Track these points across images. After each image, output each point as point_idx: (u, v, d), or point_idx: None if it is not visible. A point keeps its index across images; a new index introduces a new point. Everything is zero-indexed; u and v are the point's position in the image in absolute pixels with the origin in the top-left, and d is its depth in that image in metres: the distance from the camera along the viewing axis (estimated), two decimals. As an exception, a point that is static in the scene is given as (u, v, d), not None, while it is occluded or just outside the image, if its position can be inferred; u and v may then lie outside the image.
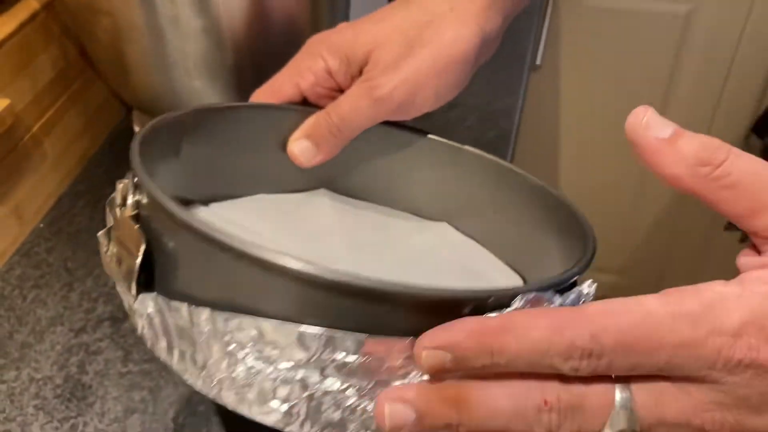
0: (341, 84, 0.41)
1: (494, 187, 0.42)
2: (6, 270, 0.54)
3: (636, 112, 0.26)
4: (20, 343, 0.49)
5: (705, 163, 0.24)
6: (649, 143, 0.25)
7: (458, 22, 0.40)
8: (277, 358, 0.25)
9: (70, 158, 0.61)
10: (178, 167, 0.37)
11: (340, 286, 0.23)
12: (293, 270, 0.23)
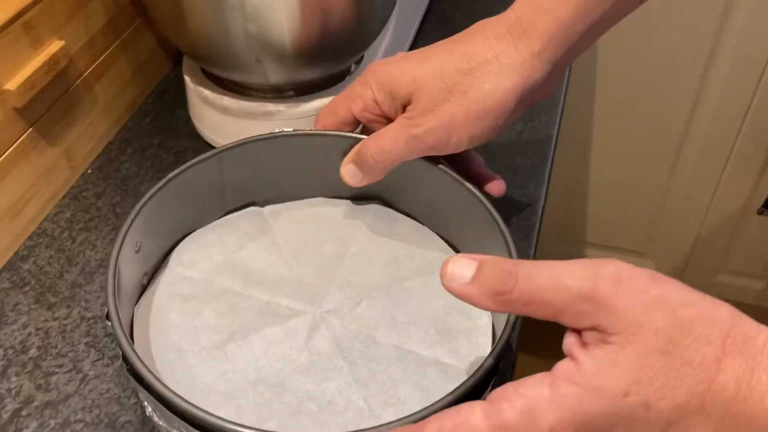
0: (386, 113, 0.45)
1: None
2: (56, 213, 0.55)
3: (442, 268, 0.30)
4: (70, 282, 0.50)
5: (501, 293, 0.29)
6: (458, 291, 0.30)
7: (499, 72, 0.41)
8: None
9: (119, 106, 0.61)
10: (254, 176, 0.48)
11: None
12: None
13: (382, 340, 0.41)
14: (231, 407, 0.37)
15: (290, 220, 0.48)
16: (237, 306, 0.42)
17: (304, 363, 0.39)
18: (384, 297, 0.43)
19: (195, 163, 0.45)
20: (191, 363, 0.39)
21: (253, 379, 0.38)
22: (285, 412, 0.37)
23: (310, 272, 0.45)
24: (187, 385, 0.38)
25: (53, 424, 0.42)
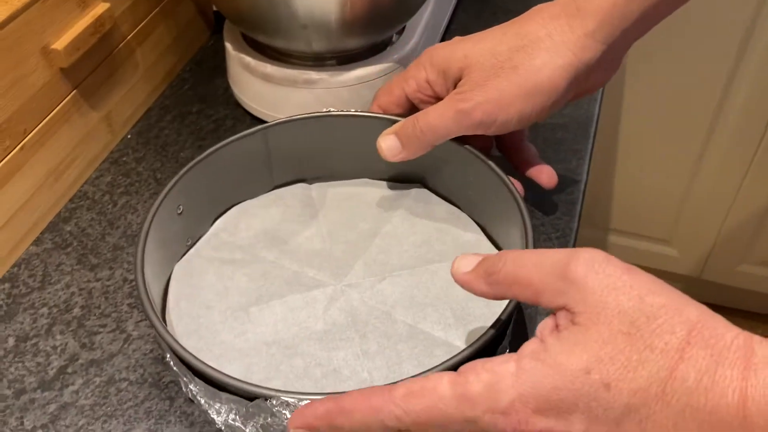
0: (438, 93, 0.45)
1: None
2: (96, 176, 0.55)
3: (453, 263, 0.33)
4: (112, 245, 0.50)
5: (491, 273, 0.31)
6: (459, 279, 0.33)
7: (551, 49, 0.41)
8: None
9: (158, 72, 0.61)
10: (301, 153, 0.49)
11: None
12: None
13: (398, 318, 0.41)
14: (243, 364, 0.39)
15: (333, 198, 0.49)
16: (268, 273, 0.44)
17: (319, 331, 0.41)
18: (407, 276, 0.44)
19: (240, 137, 0.46)
20: (216, 320, 0.41)
21: (268, 341, 0.40)
22: (291, 374, 0.38)
23: (341, 248, 0.45)
24: (208, 341, 0.40)
25: (98, 381, 0.42)
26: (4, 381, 0.42)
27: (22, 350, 0.44)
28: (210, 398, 0.36)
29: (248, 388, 0.33)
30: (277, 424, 0.34)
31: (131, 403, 0.41)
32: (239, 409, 0.35)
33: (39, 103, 0.47)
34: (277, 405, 0.33)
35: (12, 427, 0.40)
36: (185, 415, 0.40)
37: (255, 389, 0.33)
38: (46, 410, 0.41)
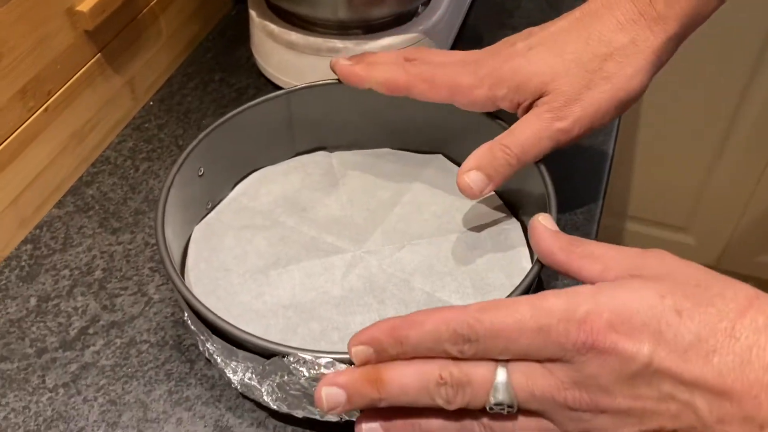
0: (500, 107, 0.42)
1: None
2: (118, 141, 0.55)
3: (537, 215, 0.35)
4: (134, 209, 0.50)
5: (572, 243, 0.33)
6: (540, 230, 0.34)
7: (639, 56, 0.40)
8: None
9: (182, 39, 0.60)
10: (323, 120, 0.48)
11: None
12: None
13: (416, 286, 0.41)
14: (260, 326, 0.39)
15: (354, 166, 0.49)
16: (286, 238, 0.44)
17: (336, 296, 0.40)
18: (426, 245, 0.43)
19: (263, 101, 0.45)
20: (234, 282, 0.41)
21: (285, 304, 0.40)
22: (308, 337, 0.38)
23: (361, 216, 0.45)
24: (226, 302, 0.40)
25: (119, 343, 0.42)
26: (26, 340, 0.42)
27: (43, 310, 0.44)
28: (227, 357, 0.36)
29: (265, 345, 0.33)
30: (294, 382, 0.33)
31: (152, 365, 0.41)
32: (255, 368, 0.35)
33: (63, 65, 0.47)
34: (294, 362, 0.33)
35: (34, 385, 0.40)
36: (206, 377, 0.40)
37: (272, 346, 0.33)
38: (67, 369, 0.41)
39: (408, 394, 0.30)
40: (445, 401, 0.30)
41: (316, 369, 0.32)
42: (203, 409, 0.39)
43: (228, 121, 0.44)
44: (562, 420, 0.29)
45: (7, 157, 0.45)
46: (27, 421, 0.39)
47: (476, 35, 0.64)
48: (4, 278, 0.45)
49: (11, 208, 0.46)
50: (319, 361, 0.32)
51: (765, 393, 0.25)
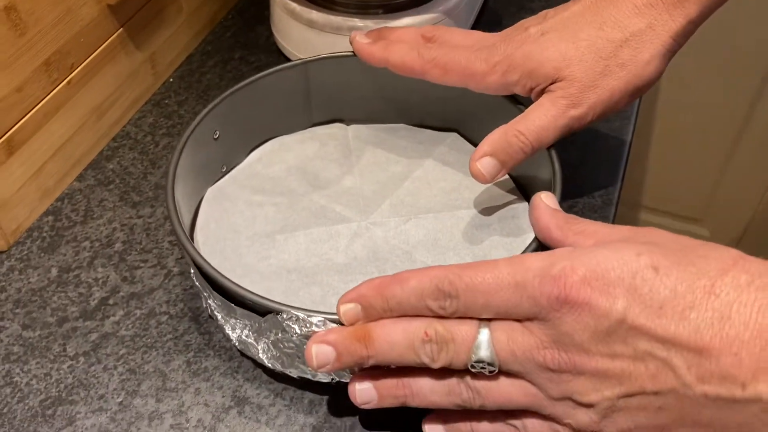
0: (512, 92, 0.42)
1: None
2: (139, 117, 0.55)
3: (540, 193, 0.37)
4: (154, 183, 0.50)
5: (569, 221, 0.34)
6: (540, 208, 0.36)
7: (656, 41, 0.39)
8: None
9: (202, 17, 0.61)
10: (340, 92, 0.48)
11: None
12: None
13: (418, 258, 0.41)
14: (263, 287, 0.40)
15: (368, 140, 0.49)
16: (296, 205, 0.45)
17: (339, 264, 0.41)
18: (432, 220, 0.43)
19: (281, 69, 0.46)
20: (242, 244, 0.42)
21: (289, 268, 0.41)
22: (308, 300, 0.39)
23: (371, 188, 0.46)
24: (232, 262, 0.41)
25: (139, 313, 0.43)
26: (47, 309, 0.43)
27: (64, 281, 0.44)
28: (226, 314, 0.36)
29: (260, 301, 0.34)
30: (287, 339, 0.34)
31: (170, 335, 0.42)
32: (252, 325, 0.35)
33: (86, 39, 0.48)
34: (287, 320, 0.33)
35: (55, 353, 0.41)
36: (224, 349, 0.41)
37: (267, 303, 0.34)
38: (87, 339, 0.41)
39: (395, 351, 0.31)
40: (430, 359, 0.31)
41: (307, 327, 0.33)
42: (221, 380, 0.39)
43: (246, 87, 0.45)
44: (543, 382, 0.30)
45: (31, 129, 0.45)
46: (48, 388, 0.39)
47: (496, 17, 0.64)
48: (26, 248, 0.46)
49: (33, 180, 0.46)
50: (311, 319, 0.33)
51: (746, 350, 0.25)
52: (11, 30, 0.42)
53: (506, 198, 0.45)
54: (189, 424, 0.38)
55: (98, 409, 0.38)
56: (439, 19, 0.55)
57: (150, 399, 0.39)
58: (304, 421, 0.38)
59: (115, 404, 0.38)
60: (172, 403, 0.38)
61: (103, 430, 0.37)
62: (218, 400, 0.39)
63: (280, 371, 0.36)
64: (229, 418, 0.38)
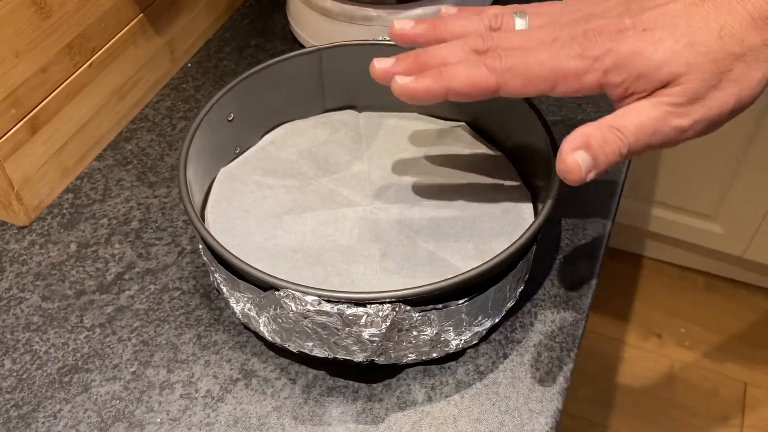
0: (611, 94, 0.36)
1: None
2: (157, 100, 0.57)
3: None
4: (170, 165, 0.52)
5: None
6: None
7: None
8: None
9: (220, 4, 0.62)
10: (354, 80, 0.49)
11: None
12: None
13: (420, 243, 0.43)
14: (268, 265, 0.41)
15: (379, 127, 0.50)
16: (305, 188, 0.46)
17: (343, 245, 0.43)
18: (436, 207, 0.45)
19: (296, 55, 0.47)
20: (250, 223, 0.44)
21: (295, 248, 0.42)
22: (311, 279, 0.41)
23: (378, 174, 0.47)
24: (240, 240, 0.43)
25: (153, 288, 0.44)
26: (66, 282, 0.45)
27: (83, 255, 0.46)
28: (231, 287, 0.38)
29: (259, 275, 0.35)
30: (284, 315, 0.36)
31: (182, 310, 0.43)
32: (253, 299, 0.37)
33: (108, 23, 0.49)
34: (284, 297, 0.35)
35: (72, 324, 0.43)
36: (233, 324, 0.42)
37: (265, 277, 0.35)
38: (103, 311, 0.43)
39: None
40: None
41: (302, 305, 0.34)
42: (230, 353, 0.41)
43: (261, 71, 0.46)
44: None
45: (54, 109, 0.47)
46: (66, 356, 0.41)
47: (509, 10, 0.65)
48: (46, 224, 0.48)
49: (55, 158, 0.48)
50: (306, 298, 0.34)
51: None
52: (36, 13, 0.43)
53: (509, 190, 0.46)
54: (198, 394, 0.39)
55: (112, 377, 0.40)
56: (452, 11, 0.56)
57: (161, 369, 0.40)
58: (307, 395, 0.39)
59: (128, 374, 0.40)
60: (182, 374, 0.40)
61: (117, 397, 0.39)
62: (226, 372, 0.40)
63: (280, 345, 0.38)
64: (236, 390, 0.39)
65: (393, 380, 0.40)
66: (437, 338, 0.38)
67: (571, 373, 0.40)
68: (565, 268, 0.45)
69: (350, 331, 0.35)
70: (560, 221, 0.48)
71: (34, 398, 0.39)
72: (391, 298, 0.34)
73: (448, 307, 0.37)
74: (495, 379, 0.40)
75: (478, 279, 0.36)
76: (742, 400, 1.20)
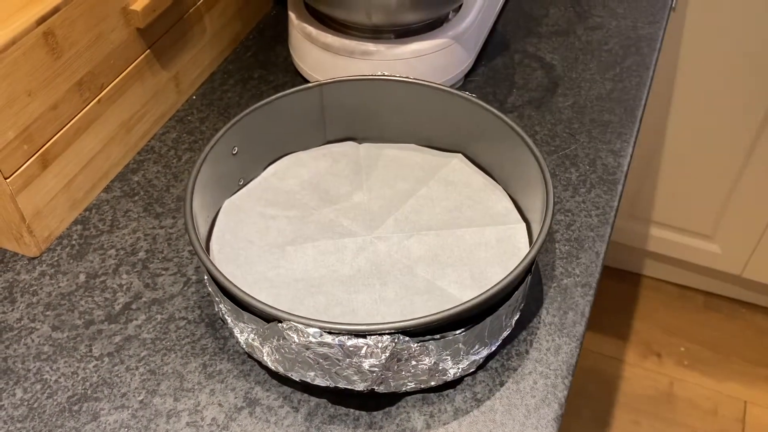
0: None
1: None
2: (163, 132, 0.58)
3: None
4: (176, 196, 0.53)
5: None
6: None
7: None
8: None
9: (223, 39, 0.64)
10: (353, 113, 0.51)
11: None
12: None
13: (419, 273, 0.44)
14: (271, 294, 0.43)
15: (378, 158, 0.52)
16: (306, 218, 0.48)
17: (344, 275, 0.44)
18: (434, 237, 0.46)
19: (298, 90, 0.49)
20: (254, 253, 0.45)
21: (297, 277, 0.44)
22: (313, 308, 0.42)
23: (377, 203, 0.49)
24: (244, 270, 0.44)
25: (159, 318, 0.46)
26: (75, 312, 0.46)
27: (91, 286, 0.48)
28: (235, 318, 0.40)
29: (262, 307, 0.37)
30: (287, 346, 0.37)
31: (188, 339, 0.45)
32: (257, 330, 0.38)
33: (116, 60, 0.51)
34: (287, 328, 0.36)
35: (82, 353, 0.44)
36: (237, 354, 0.44)
37: (268, 309, 0.36)
38: (112, 340, 0.45)
39: None
40: None
41: (305, 337, 0.36)
42: (234, 382, 0.42)
43: (264, 106, 0.48)
44: None
45: (64, 144, 0.48)
46: (75, 385, 0.42)
47: (504, 42, 0.67)
48: (56, 255, 0.49)
49: (64, 191, 0.50)
50: (308, 330, 0.36)
51: None
52: (48, 54, 0.45)
53: (505, 219, 0.47)
54: (204, 422, 0.40)
55: (120, 406, 0.41)
56: (449, 44, 0.58)
57: (168, 398, 0.42)
58: (310, 423, 0.40)
59: (136, 402, 0.41)
60: (188, 403, 0.41)
61: (125, 426, 0.40)
62: (231, 400, 0.41)
63: (283, 374, 0.39)
64: (241, 418, 0.41)
65: (393, 408, 0.41)
66: (435, 367, 0.39)
67: (566, 399, 0.41)
68: (559, 296, 0.46)
69: (351, 362, 0.36)
70: (555, 249, 0.49)
71: (44, 427, 0.40)
72: (390, 329, 0.36)
73: (446, 337, 0.38)
74: (492, 407, 0.41)
75: (475, 310, 0.38)
76: (742, 419, 1.20)
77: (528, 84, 0.62)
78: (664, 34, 0.70)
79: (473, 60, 0.62)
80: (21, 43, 0.43)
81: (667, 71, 1.15)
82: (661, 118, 1.23)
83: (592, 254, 0.49)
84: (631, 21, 0.70)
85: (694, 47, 1.08)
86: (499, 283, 0.38)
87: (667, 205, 1.36)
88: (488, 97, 0.61)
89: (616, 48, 0.66)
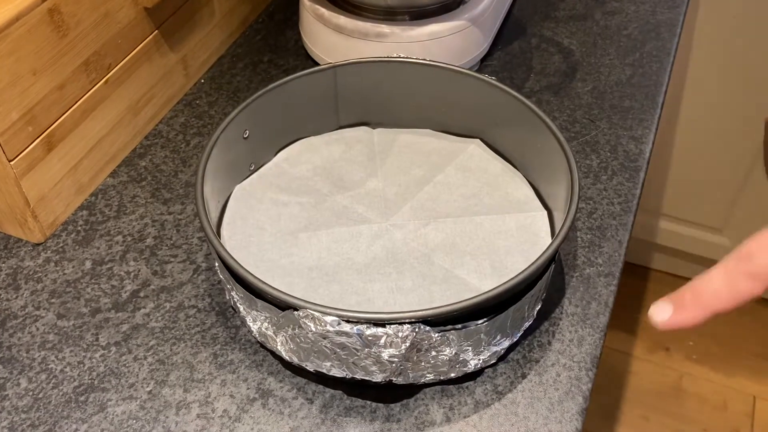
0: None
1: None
2: (171, 116, 0.57)
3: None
4: (184, 182, 0.52)
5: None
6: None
7: None
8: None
9: (232, 21, 0.62)
10: (368, 96, 0.50)
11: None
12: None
13: (436, 261, 0.43)
14: (284, 282, 0.41)
15: (393, 143, 0.50)
16: (320, 205, 0.46)
17: (359, 263, 0.43)
18: (451, 224, 0.45)
19: (310, 72, 0.47)
20: (266, 240, 0.44)
21: (311, 265, 0.42)
22: (327, 297, 0.41)
23: (393, 190, 0.47)
24: (256, 257, 0.43)
25: (168, 306, 0.44)
26: (81, 300, 0.45)
27: (98, 273, 0.46)
28: (248, 306, 0.38)
29: (279, 296, 0.35)
30: (303, 335, 0.35)
31: (198, 329, 0.43)
32: (271, 318, 0.37)
33: (124, 40, 0.49)
34: (303, 317, 0.34)
35: (88, 342, 0.42)
36: (249, 343, 0.42)
37: (285, 297, 0.35)
38: (119, 329, 0.43)
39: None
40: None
41: (322, 326, 0.34)
42: (246, 373, 0.41)
43: (276, 89, 0.46)
44: None
45: (70, 126, 0.47)
46: (82, 375, 0.41)
47: (520, 26, 0.65)
48: (61, 241, 0.48)
49: (70, 175, 0.48)
50: (326, 318, 0.34)
51: None
52: (54, 32, 0.43)
53: (525, 206, 0.46)
54: (215, 414, 0.39)
55: (128, 397, 0.40)
56: (465, 26, 0.56)
57: (178, 389, 0.40)
58: (325, 415, 0.39)
59: (144, 393, 0.40)
60: (199, 394, 0.40)
61: (133, 417, 0.39)
62: (243, 391, 0.40)
63: (297, 364, 0.38)
64: (253, 410, 0.39)
65: (411, 400, 0.39)
66: (456, 358, 0.37)
67: (590, 392, 0.40)
68: (581, 286, 0.45)
69: (370, 352, 0.35)
70: (576, 238, 0.48)
71: (50, 418, 0.39)
72: (411, 318, 0.34)
73: (467, 327, 0.36)
74: (513, 399, 0.39)
75: (498, 299, 0.36)
76: (751, 414, 1.19)
77: (546, 69, 0.61)
78: (684, 18, 0.68)
79: (490, 43, 0.61)
80: (25, 20, 0.41)
81: (679, 62, 1.13)
82: (672, 109, 1.21)
83: (615, 243, 0.47)
84: (650, 6, 0.68)
85: (706, 38, 1.07)
86: (523, 271, 0.36)
87: (677, 197, 1.34)
88: (505, 81, 0.59)
89: (635, 33, 0.65)
